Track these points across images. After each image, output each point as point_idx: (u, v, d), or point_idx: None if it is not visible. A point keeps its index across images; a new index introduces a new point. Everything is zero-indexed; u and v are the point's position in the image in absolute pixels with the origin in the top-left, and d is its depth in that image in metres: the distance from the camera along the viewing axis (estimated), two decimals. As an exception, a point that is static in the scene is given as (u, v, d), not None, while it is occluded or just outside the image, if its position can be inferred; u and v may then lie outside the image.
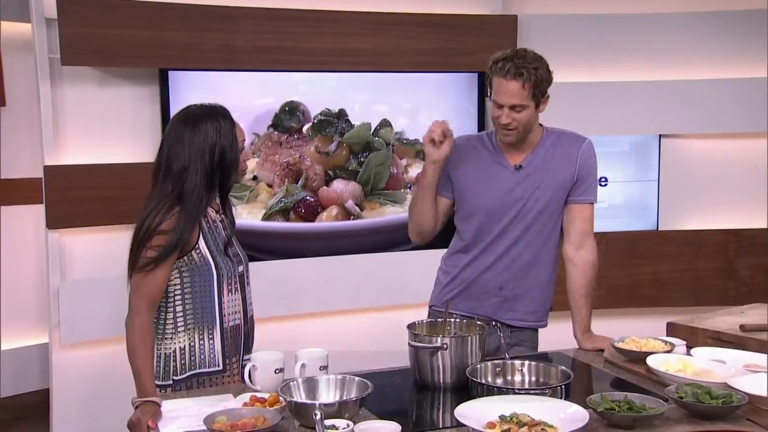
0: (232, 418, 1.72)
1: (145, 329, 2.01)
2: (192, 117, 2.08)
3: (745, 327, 2.27)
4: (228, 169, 2.09)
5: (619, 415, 1.70)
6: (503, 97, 2.27)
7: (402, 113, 3.94)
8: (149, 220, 2.01)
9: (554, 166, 2.37)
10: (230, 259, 2.14)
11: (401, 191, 3.97)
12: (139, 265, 2.02)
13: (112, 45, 3.35)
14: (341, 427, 1.67)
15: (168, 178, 2.06)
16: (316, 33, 3.71)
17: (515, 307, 2.41)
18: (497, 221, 2.36)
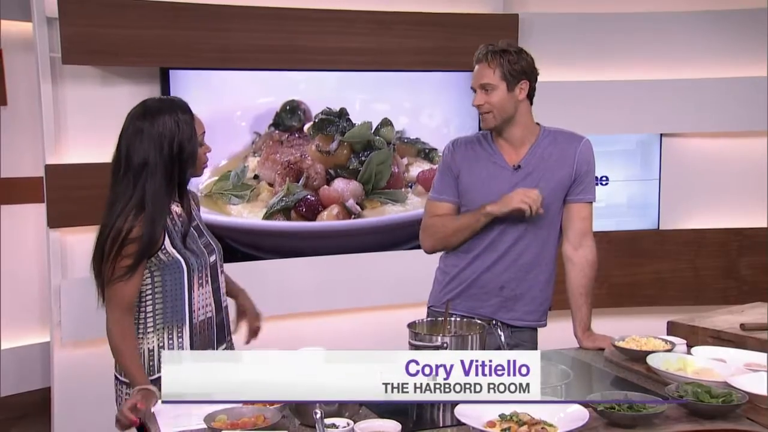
0: (232, 416, 1.72)
1: (126, 332, 2.03)
2: (150, 111, 2.05)
3: (745, 326, 2.28)
4: (186, 162, 2.05)
5: (619, 414, 1.70)
6: (474, 80, 2.37)
7: (403, 112, 3.94)
8: (119, 225, 1.99)
9: (552, 165, 2.38)
10: (194, 252, 2.09)
11: (402, 190, 3.97)
12: (114, 276, 2.01)
13: (114, 44, 3.35)
14: (341, 425, 1.67)
15: (128, 174, 2.02)
16: (317, 32, 3.71)
17: (515, 307, 2.41)
18: (497, 221, 2.36)
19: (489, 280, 2.40)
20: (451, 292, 2.44)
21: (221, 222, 3.67)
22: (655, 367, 2.00)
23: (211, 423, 1.70)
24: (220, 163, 3.69)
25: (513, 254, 2.38)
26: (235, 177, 3.70)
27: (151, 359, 2.06)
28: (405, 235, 4.00)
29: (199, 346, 2.10)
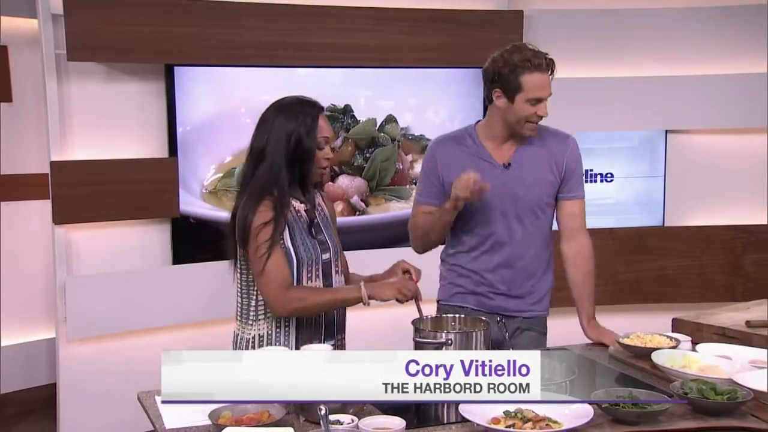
0: (236, 412, 1.72)
1: (299, 294, 2.11)
2: (281, 105, 2.19)
3: (750, 323, 2.27)
4: (303, 158, 2.14)
5: (624, 411, 1.70)
6: (545, 90, 2.31)
7: (407, 109, 3.94)
8: (242, 213, 2.10)
9: (541, 163, 2.39)
10: (306, 248, 2.16)
11: (407, 187, 3.97)
12: (257, 267, 2.09)
13: (119, 41, 3.36)
14: (345, 422, 1.68)
15: (251, 158, 2.17)
16: (321, 28, 3.70)
17: (522, 303, 2.43)
18: (493, 220, 2.37)
19: (495, 281, 2.41)
20: (459, 287, 2.45)
21: (226, 219, 3.65)
22: (660, 364, 2.00)
23: (216, 419, 1.70)
24: (225, 159, 3.69)
25: (514, 254, 2.39)
26: (240, 174, 3.70)
27: (260, 345, 2.15)
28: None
29: (306, 340, 2.16)
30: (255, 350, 2.13)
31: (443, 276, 2.54)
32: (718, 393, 1.75)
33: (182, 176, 3.57)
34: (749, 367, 1.95)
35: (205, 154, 3.66)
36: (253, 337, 2.16)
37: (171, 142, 3.55)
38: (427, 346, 2.04)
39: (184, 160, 3.58)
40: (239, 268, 2.19)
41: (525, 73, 2.28)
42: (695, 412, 1.75)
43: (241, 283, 2.20)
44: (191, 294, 3.57)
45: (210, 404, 1.75)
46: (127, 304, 3.47)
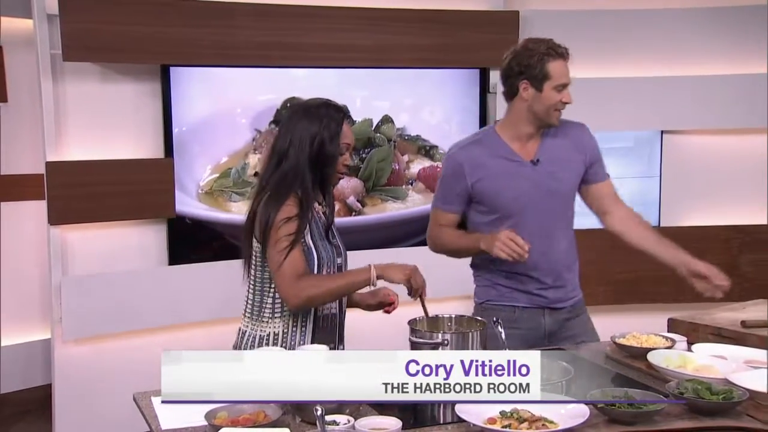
0: (233, 413, 1.72)
1: (312, 282, 2.12)
2: (306, 106, 2.21)
3: (746, 323, 2.27)
4: (324, 161, 2.16)
5: (620, 411, 1.70)
6: (566, 77, 2.37)
7: (403, 109, 3.94)
8: (265, 211, 2.11)
9: (568, 154, 2.44)
10: (326, 249, 2.20)
11: (403, 187, 3.97)
12: (276, 260, 2.10)
13: (114, 41, 3.35)
14: (342, 422, 1.67)
15: (274, 158, 2.18)
16: (317, 29, 3.70)
17: (566, 292, 2.48)
18: (529, 218, 2.39)
19: (538, 276, 2.43)
20: (506, 287, 2.48)
21: (222, 219, 3.68)
22: (656, 364, 2.00)
23: (212, 419, 1.70)
24: (220, 160, 3.69)
25: (552, 249, 2.43)
26: (236, 174, 3.70)
27: (275, 342, 2.16)
28: (405, 232, 4.00)
29: (323, 340, 2.18)
30: (258, 349, 2.14)
31: (482, 277, 2.54)
32: (713, 393, 1.75)
33: (178, 177, 3.56)
34: (745, 367, 1.95)
35: (201, 154, 3.66)
36: (268, 335, 2.17)
37: (167, 143, 3.55)
38: (424, 347, 2.04)
39: (180, 160, 3.57)
40: (255, 265, 2.19)
41: (551, 60, 2.34)
42: (691, 412, 1.75)
43: (255, 280, 2.20)
44: (187, 294, 3.57)
45: (206, 405, 1.74)
46: (122, 304, 3.46)
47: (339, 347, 2.29)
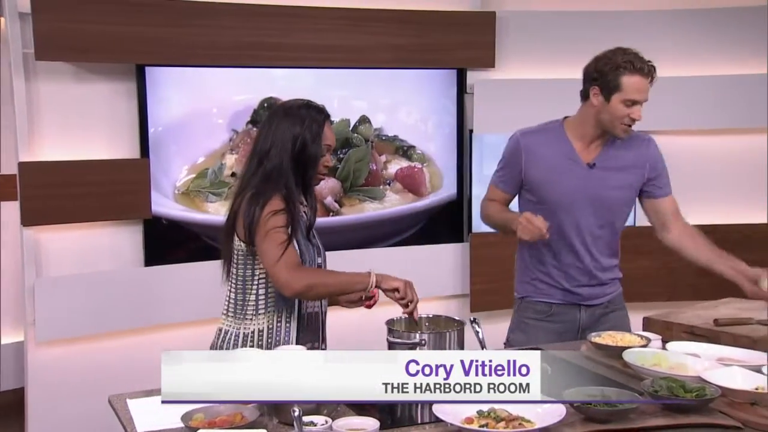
0: (209, 415, 1.71)
1: (312, 273, 2.15)
2: (288, 107, 2.22)
3: (718, 321, 2.31)
4: (307, 162, 2.17)
5: (595, 409, 1.72)
6: (644, 94, 2.38)
7: (381, 109, 3.94)
8: (249, 208, 2.11)
9: (625, 166, 2.48)
10: (313, 248, 2.22)
11: (380, 188, 3.97)
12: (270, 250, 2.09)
13: (88, 40, 3.32)
14: (319, 423, 1.67)
15: (254, 158, 2.18)
16: (295, 29, 3.69)
17: (604, 289, 2.54)
18: (575, 218, 2.44)
19: (577, 274, 2.49)
20: (543, 282, 2.53)
21: (198, 220, 3.65)
22: (631, 362, 2.02)
23: (188, 422, 1.69)
24: (197, 160, 3.67)
25: (595, 252, 2.49)
26: (213, 174, 3.68)
27: (260, 339, 2.16)
28: (383, 232, 4.01)
29: (306, 338, 2.20)
30: (265, 347, 2.15)
31: (522, 272, 2.60)
32: (687, 390, 1.77)
33: (154, 177, 3.53)
34: (717, 364, 1.98)
35: (177, 154, 3.63)
36: (252, 332, 2.17)
37: (142, 143, 3.52)
38: (401, 347, 2.04)
39: (156, 160, 3.55)
40: (236, 264, 2.19)
41: (626, 74, 2.36)
42: (665, 409, 1.77)
43: (237, 279, 2.19)
44: (163, 296, 3.54)
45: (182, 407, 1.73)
46: (97, 306, 3.43)
47: (321, 346, 2.29)
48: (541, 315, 2.53)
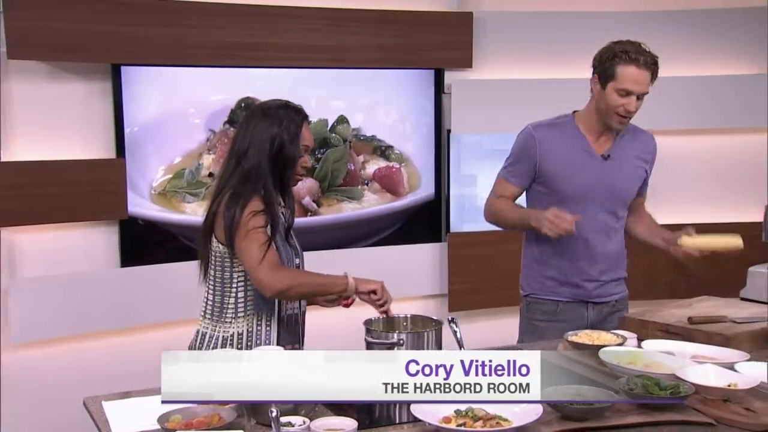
0: (186, 416, 1.70)
1: (292, 274, 2.16)
2: (266, 107, 2.22)
3: (692, 319, 2.33)
4: (284, 163, 2.17)
5: (572, 408, 1.73)
6: (638, 85, 2.39)
7: (359, 109, 3.94)
8: (228, 210, 2.10)
9: (635, 158, 2.54)
10: (286, 249, 2.21)
11: (359, 188, 3.97)
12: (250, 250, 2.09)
13: (62, 39, 3.28)
14: (297, 423, 1.67)
15: (232, 159, 2.18)
16: (272, 28, 3.68)
17: (611, 287, 2.57)
18: (589, 210, 2.46)
19: (587, 267, 2.52)
20: (551, 279, 2.56)
21: (175, 220, 3.63)
22: (607, 360, 2.04)
23: (164, 423, 1.68)
24: (174, 160, 3.64)
25: (606, 242, 2.52)
26: (190, 175, 3.66)
27: (239, 343, 2.15)
28: (362, 232, 4.01)
29: (287, 340, 2.20)
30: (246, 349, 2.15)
31: (530, 269, 2.61)
32: (661, 388, 1.79)
33: (130, 177, 3.51)
34: (691, 362, 2.00)
35: (154, 154, 3.60)
36: (232, 335, 2.16)
37: (118, 143, 3.49)
38: (379, 347, 2.04)
39: (132, 161, 3.52)
40: (214, 266, 2.18)
41: (621, 63, 2.39)
42: (641, 407, 1.79)
43: (215, 281, 2.19)
44: (140, 297, 3.51)
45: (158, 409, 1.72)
46: (72, 307, 3.39)
47: (301, 347, 2.30)
48: (548, 316, 2.56)
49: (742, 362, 2.00)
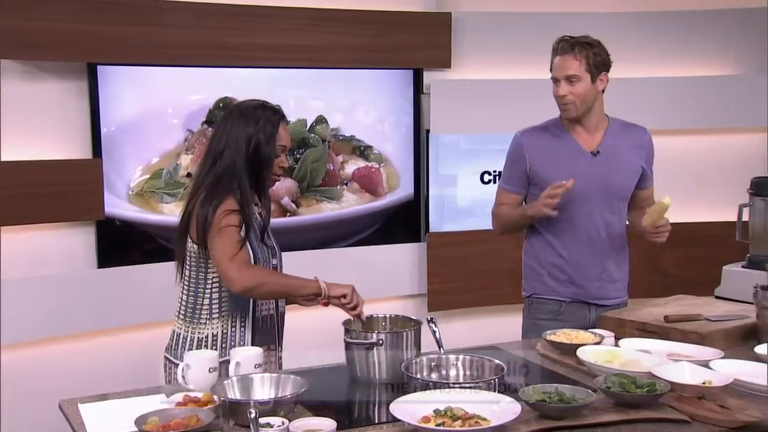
0: (164, 418, 1.69)
1: (264, 272, 2.16)
2: (243, 107, 2.22)
3: (668, 318, 2.36)
4: (261, 163, 2.16)
5: (550, 406, 1.74)
6: (559, 71, 2.47)
7: (338, 109, 3.94)
8: (202, 210, 2.10)
9: (628, 153, 2.56)
10: (267, 249, 2.21)
11: (338, 188, 3.97)
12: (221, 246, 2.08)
13: (37, 37, 3.24)
14: (276, 424, 1.66)
15: (208, 159, 2.17)
16: (251, 28, 3.66)
17: (613, 288, 2.59)
18: (583, 208, 2.49)
19: (589, 265, 2.54)
20: (553, 279, 2.57)
21: (153, 221, 3.60)
22: (585, 359, 2.05)
23: (142, 425, 1.67)
24: (151, 160, 3.62)
25: (606, 238, 2.55)
26: (168, 175, 3.64)
27: (214, 344, 2.14)
28: (341, 232, 4.00)
29: (262, 341, 2.19)
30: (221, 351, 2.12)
31: (531, 269, 2.63)
32: (638, 386, 1.81)
33: (107, 177, 3.48)
34: (667, 360, 2.03)
35: (131, 155, 3.58)
36: (206, 336, 2.15)
37: (95, 143, 3.45)
38: (358, 347, 2.04)
39: (109, 161, 3.49)
40: (189, 266, 2.17)
41: (553, 57, 2.50)
42: (617, 405, 1.80)
43: (190, 282, 2.18)
44: (117, 298, 3.48)
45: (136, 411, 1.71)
46: (49, 309, 3.36)
47: (278, 349, 2.28)
48: (551, 314, 2.58)
49: (716, 360, 2.02)
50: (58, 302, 3.37)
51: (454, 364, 2.05)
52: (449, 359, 2.06)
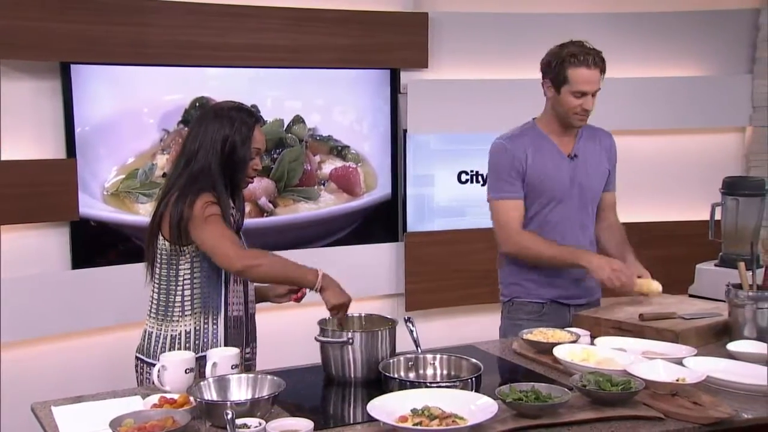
0: (139, 420, 1.68)
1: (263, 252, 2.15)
2: (219, 109, 2.21)
3: (643, 316, 2.38)
4: (235, 165, 2.15)
5: (527, 405, 1.75)
6: (590, 84, 2.44)
7: (315, 109, 3.93)
8: (176, 208, 2.08)
9: (598, 156, 2.60)
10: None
11: (315, 188, 3.96)
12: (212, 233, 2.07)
13: (8, 36, 3.19)
14: (253, 425, 1.66)
15: (182, 159, 2.17)
16: (228, 27, 3.64)
17: (589, 289, 2.62)
18: (565, 209, 2.53)
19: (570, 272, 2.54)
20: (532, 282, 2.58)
21: (128, 221, 3.57)
22: (561, 358, 2.07)
23: (117, 427, 1.65)
24: (127, 161, 3.58)
25: (585, 240, 2.59)
26: (143, 175, 3.61)
27: (188, 341, 2.13)
28: (318, 232, 4.00)
29: (233, 340, 2.18)
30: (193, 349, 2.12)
31: (509, 273, 2.62)
32: (613, 384, 1.82)
33: (82, 178, 3.44)
34: (642, 358, 2.04)
35: (106, 155, 3.54)
36: (179, 334, 2.14)
37: (69, 143, 3.42)
38: (332, 345, 2.04)
39: (84, 161, 3.45)
40: (160, 264, 2.15)
41: (570, 66, 2.43)
42: (593, 403, 1.82)
43: (161, 279, 2.16)
44: (92, 299, 3.45)
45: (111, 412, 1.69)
46: (22, 311, 3.31)
47: (251, 347, 2.27)
48: (532, 315, 2.58)
49: (689, 357, 2.05)
50: (31, 303, 3.33)
51: (431, 363, 2.06)
52: (426, 359, 2.07)
